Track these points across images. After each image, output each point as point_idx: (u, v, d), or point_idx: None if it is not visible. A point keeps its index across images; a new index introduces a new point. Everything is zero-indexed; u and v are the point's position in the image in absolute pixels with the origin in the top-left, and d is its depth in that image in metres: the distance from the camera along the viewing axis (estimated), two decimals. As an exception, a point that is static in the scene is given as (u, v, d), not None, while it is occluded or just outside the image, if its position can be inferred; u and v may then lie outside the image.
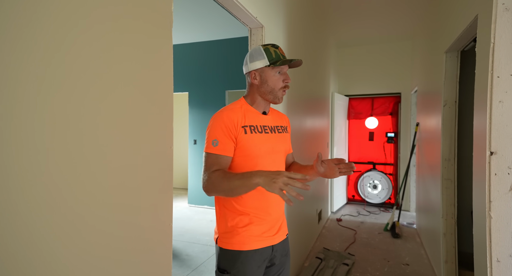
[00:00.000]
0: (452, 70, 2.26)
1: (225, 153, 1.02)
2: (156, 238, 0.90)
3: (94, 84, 0.71)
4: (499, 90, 1.26)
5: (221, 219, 1.09)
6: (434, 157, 2.67)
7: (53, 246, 0.63)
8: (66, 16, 0.64)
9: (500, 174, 1.27)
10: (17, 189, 0.56)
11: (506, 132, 1.26)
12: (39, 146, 0.60)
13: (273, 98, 1.10)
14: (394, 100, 4.71)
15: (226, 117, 1.04)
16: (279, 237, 1.13)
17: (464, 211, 2.47)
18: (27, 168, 0.58)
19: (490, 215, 1.28)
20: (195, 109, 4.67)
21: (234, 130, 1.03)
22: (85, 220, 0.69)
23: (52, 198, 0.62)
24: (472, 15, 1.61)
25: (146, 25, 0.86)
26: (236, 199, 1.06)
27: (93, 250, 0.71)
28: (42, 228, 0.61)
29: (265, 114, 1.16)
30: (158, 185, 0.90)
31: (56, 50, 0.62)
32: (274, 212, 1.11)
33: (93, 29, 0.70)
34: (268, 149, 1.09)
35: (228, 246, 1.05)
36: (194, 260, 2.78)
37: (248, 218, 1.06)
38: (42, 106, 0.60)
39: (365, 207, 4.70)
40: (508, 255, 1.25)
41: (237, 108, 1.08)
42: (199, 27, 3.98)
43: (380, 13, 3.39)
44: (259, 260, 1.06)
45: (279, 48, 1.11)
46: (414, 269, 2.67)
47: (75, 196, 0.67)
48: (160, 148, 0.92)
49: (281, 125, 1.21)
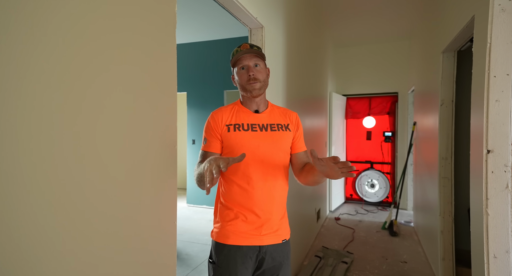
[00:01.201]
0: (449, 70, 2.29)
1: (211, 149, 1.12)
2: (160, 237, 0.91)
3: (97, 85, 0.72)
4: (496, 89, 1.28)
5: (215, 212, 1.18)
6: (431, 155, 2.70)
7: (55, 245, 0.63)
8: (65, 16, 0.65)
9: (497, 171, 1.29)
10: (19, 184, 0.57)
11: (502, 131, 1.28)
12: (41, 144, 0.61)
13: (247, 93, 1.13)
14: (392, 100, 4.74)
15: (211, 117, 1.15)
16: (269, 239, 1.10)
17: (461, 209, 2.50)
18: (31, 165, 0.59)
19: (487, 212, 1.31)
20: (193, 109, 4.67)
21: (218, 128, 1.12)
22: (88, 219, 0.70)
23: (55, 197, 0.63)
24: (469, 15, 1.63)
25: (150, 27, 0.87)
26: (223, 195, 1.14)
27: (95, 250, 0.72)
28: (45, 227, 0.61)
29: (257, 112, 1.17)
30: (162, 183, 0.91)
31: (55, 51, 0.63)
32: (261, 213, 1.09)
33: (99, 30, 0.71)
34: (253, 146, 1.10)
35: (215, 237, 1.13)
36: (194, 260, 2.79)
37: (233, 213, 1.10)
38: (45, 106, 0.61)
39: (363, 206, 4.73)
40: (504, 251, 1.28)
41: (227, 108, 1.17)
42: (198, 27, 3.98)
43: (377, 13, 3.42)
44: (243, 256, 1.07)
45: (242, 45, 1.13)
46: (412, 267, 2.70)
47: (80, 194, 0.68)
48: (164, 146, 0.93)
49: (280, 123, 1.18)
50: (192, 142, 4.68)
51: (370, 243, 3.25)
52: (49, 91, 0.61)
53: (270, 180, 1.11)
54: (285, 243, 1.16)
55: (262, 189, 1.10)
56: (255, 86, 1.10)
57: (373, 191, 4.75)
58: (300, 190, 2.61)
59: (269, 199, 1.12)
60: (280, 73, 2.10)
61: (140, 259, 0.83)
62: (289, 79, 2.32)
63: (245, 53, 1.10)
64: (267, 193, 1.11)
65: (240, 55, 1.10)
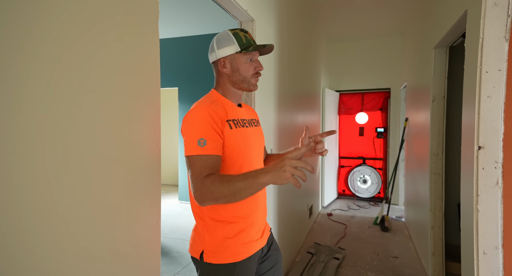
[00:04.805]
0: (441, 65, 2.28)
1: (217, 152, 0.88)
2: (144, 239, 0.87)
3: (67, 80, 0.67)
4: (488, 85, 1.27)
5: (205, 232, 0.97)
6: (422, 151, 2.71)
7: (36, 246, 0.59)
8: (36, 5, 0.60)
9: (488, 168, 1.29)
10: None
11: (493, 127, 1.27)
12: (16, 143, 0.56)
13: (247, 86, 1.01)
14: (384, 96, 4.75)
15: (210, 109, 0.90)
16: (266, 236, 1.09)
17: (451, 204, 2.52)
18: (7, 165, 0.54)
19: (477, 208, 1.31)
20: (185, 105, 4.60)
21: (221, 125, 0.91)
22: (67, 219, 0.66)
23: (32, 197, 0.59)
24: (461, 10, 1.61)
25: (130, 17, 0.82)
26: (225, 206, 0.95)
27: (76, 250, 0.68)
28: (22, 228, 0.57)
29: (240, 106, 1.07)
30: (145, 183, 0.87)
31: (27, 44, 0.58)
32: (262, 212, 1.07)
33: (70, 18, 0.66)
34: (251, 144, 1.01)
35: (220, 260, 0.94)
36: (185, 257, 2.76)
37: (237, 226, 0.97)
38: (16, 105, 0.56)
39: (355, 202, 4.76)
40: (494, 247, 1.28)
41: (212, 101, 0.96)
42: (190, 21, 3.90)
43: (370, 8, 3.39)
44: (254, 265, 1.01)
45: (248, 33, 1.02)
46: (403, 262, 2.72)
47: (57, 194, 0.63)
48: (147, 144, 0.88)
49: (254, 118, 1.13)
50: (184, 138, 4.62)
51: (362, 239, 3.27)
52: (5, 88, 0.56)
53: None
54: (271, 232, 1.17)
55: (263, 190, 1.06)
56: (257, 82, 1.04)
57: (365, 187, 4.78)
58: (292, 186, 2.59)
59: (265, 198, 1.11)
60: (271, 69, 2.06)
61: (124, 260, 0.80)
62: (280, 75, 2.29)
63: (268, 48, 1.02)
64: (264, 193, 1.09)
65: (263, 47, 1.00)
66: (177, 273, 2.48)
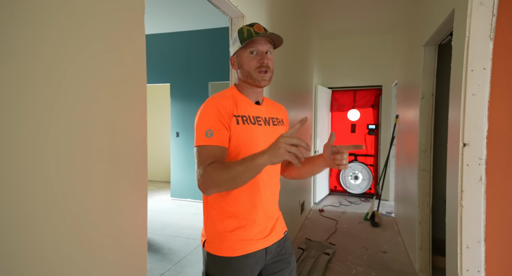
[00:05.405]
0: (430, 63, 2.31)
1: (222, 144, 0.90)
2: (130, 237, 0.87)
3: (52, 75, 0.66)
4: (473, 83, 1.29)
5: (209, 221, 1.00)
6: (411, 148, 2.75)
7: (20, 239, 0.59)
8: None
9: (472, 164, 1.31)
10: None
11: (477, 125, 1.30)
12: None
13: (253, 82, 0.98)
14: (376, 93, 4.80)
15: (218, 103, 0.93)
16: (273, 237, 1.04)
17: (439, 200, 2.57)
18: None
19: (461, 204, 1.34)
20: (177, 101, 4.56)
21: (228, 119, 0.92)
22: (53, 217, 0.65)
23: (18, 195, 0.58)
24: (449, 8, 1.63)
25: (115, 11, 0.81)
26: (225, 200, 0.97)
27: (61, 247, 0.67)
28: (11, 226, 0.56)
29: (258, 104, 1.05)
30: (131, 180, 0.87)
31: (11, 42, 0.57)
32: (265, 212, 1.02)
33: (54, 13, 0.65)
34: (262, 143, 0.97)
35: (217, 251, 0.97)
36: (177, 254, 2.76)
37: (237, 221, 0.97)
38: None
39: (347, 198, 4.82)
40: (477, 242, 1.31)
41: (228, 95, 0.98)
42: (182, 15, 3.85)
43: (362, 6, 3.40)
44: (251, 264, 0.98)
45: (255, 25, 0.97)
46: (392, 256, 2.78)
47: (42, 192, 0.63)
48: (133, 141, 0.88)
49: (277, 117, 1.11)
50: (176, 135, 4.59)
51: (352, 234, 3.32)
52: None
53: (273, 177, 1.06)
54: (286, 235, 1.13)
55: (269, 188, 1.03)
56: (265, 77, 0.98)
57: (356, 183, 4.84)
58: (284, 183, 2.60)
59: (273, 198, 1.06)
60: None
61: (107, 257, 0.79)
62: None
63: (262, 36, 0.96)
64: (272, 192, 1.05)
65: (255, 38, 0.94)
66: (168, 270, 2.48)
